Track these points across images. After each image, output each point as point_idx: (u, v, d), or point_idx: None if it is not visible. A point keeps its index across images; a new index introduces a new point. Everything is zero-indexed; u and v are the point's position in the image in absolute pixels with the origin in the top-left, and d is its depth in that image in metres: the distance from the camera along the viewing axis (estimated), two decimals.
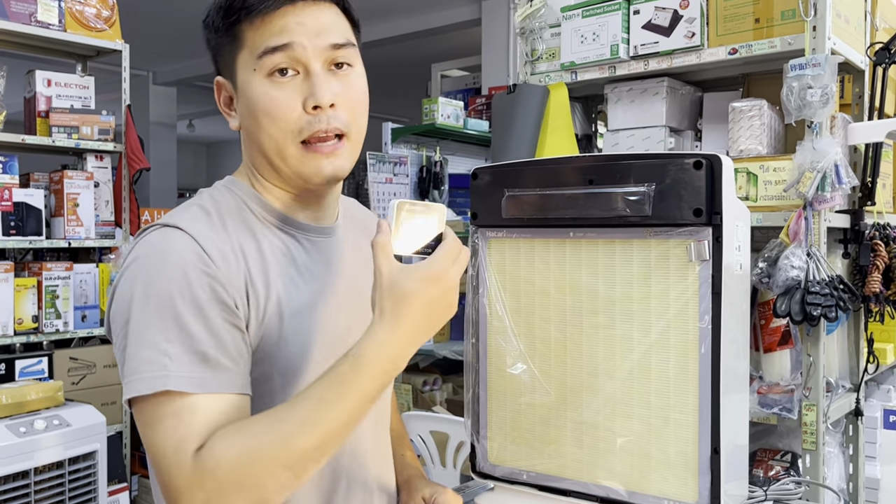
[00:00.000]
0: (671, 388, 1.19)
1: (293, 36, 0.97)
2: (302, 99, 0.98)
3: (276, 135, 0.99)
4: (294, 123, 0.98)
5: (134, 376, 0.88)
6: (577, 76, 2.19)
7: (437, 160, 4.83)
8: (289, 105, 0.98)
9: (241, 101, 1.02)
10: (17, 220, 3.24)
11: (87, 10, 3.48)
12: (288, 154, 1.00)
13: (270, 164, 1.03)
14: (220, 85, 1.06)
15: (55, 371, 3.32)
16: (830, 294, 1.72)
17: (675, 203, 1.15)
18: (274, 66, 0.98)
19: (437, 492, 1.19)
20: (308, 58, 0.98)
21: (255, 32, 0.99)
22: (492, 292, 1.34)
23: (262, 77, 0.99)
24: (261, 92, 0.99)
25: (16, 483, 2.43)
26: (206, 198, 1.04)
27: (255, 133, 1.01)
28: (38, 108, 3.46)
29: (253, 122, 1.01)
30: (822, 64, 1.75)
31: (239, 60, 1.01)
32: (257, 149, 1.03)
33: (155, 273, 0.92)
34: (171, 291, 0.90)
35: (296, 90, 0.98)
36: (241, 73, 1.01)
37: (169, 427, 0.87)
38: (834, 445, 1.98)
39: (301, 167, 1.00)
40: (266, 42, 0.98)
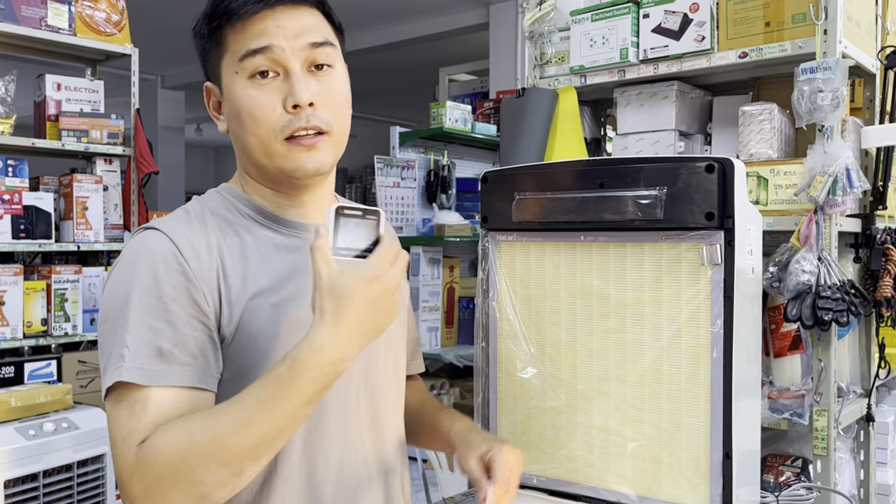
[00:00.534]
0: (682, 392, 1.18)
1: (272, 38, 1.01)
2: (282, 99, 1.01)
3: (260, 133, 1.02)
4: (276, 122, 1.01)
5: (104, 370, 0.95)
6: (587, 80, 2.18)
7: (445, 164, 4.83)
8: (269, 105, 1.01)
9: (226, 104, 1.06)
10: (27, 223, 3.26)
11: (96, 14, 3.50)
12: (273, 151, 1.03)
13: (256, 164, 1.06)
14: (208, 90, 1.10)
15: (63, 374, 3.33)
16: (842, 299, 1.71)
17: (687, 207, 1.15)
18: (254, 69, 1.01)
19: (493, 448, 1.11)
20: (287, 59, 1.01)
21: (236, 36, 1.02)
22: (502, 296, 1.34)
23: (243, 79, 1.02)
24: (243, 94, 1.02)
25: (25, 486, 2.43)
26: (193, 202, 1.10)
27: (240, 134, 1.05)
28: (48, 112, 3.48)
29: (238, 123, 1.04)
30: (832, 68, 1.74)
31: (223, 64, 1.05)
32: (243, 149, 1.06)
33: (128, 272, 0.97)
34: (138, 289, 0.95)
35: (276, 91, 1.01)
36: (225, 77, 1.05)
37: (122, 418, 0.92)
38: (845, 451, 1.97)
39: (285, 163, 1.03)
40: (247, 45, 1.01)
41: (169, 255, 0.97)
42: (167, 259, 0.97)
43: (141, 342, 0.93)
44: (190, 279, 0.97)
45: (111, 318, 0.96)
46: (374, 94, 9.29)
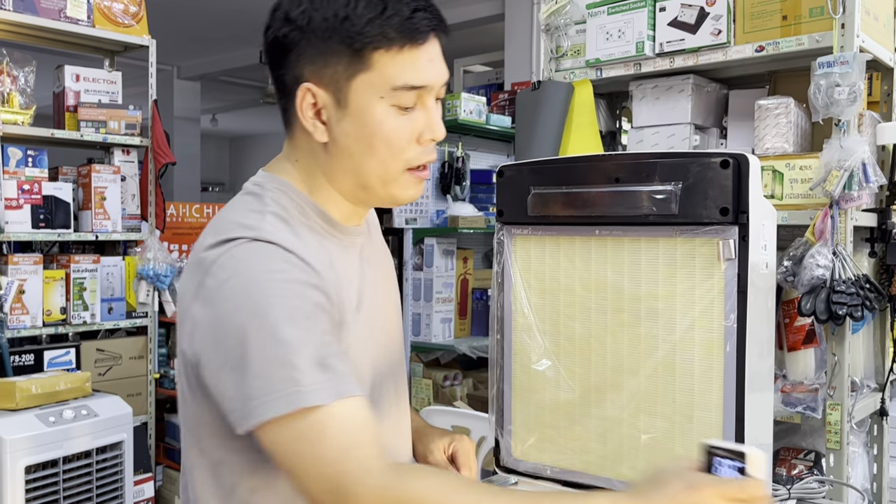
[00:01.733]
0: (695, 386, 1.20)
1: (428, 77, 1.00)
2: (419, 131, 1.01)
3: (389, 162, 1.00)
4: (409, 153, 1.01)
5: (267, 397, 0.86)
6: (602, 73, 2.19)
7: (460, 156, 4.83)
8: (408, 136, 1.00)
9: (350, 122, 0.99)
10: (47, 213, 3.29)
11: (114, 5, 3.52)
12: (393, 179, 1.02)
13: (363, 184, 1.03)
14: (310, 93, 1.00)
15: (82, 362, 3.38)
16: (856, 293, 1.71)
17: (702, 202, 1.15)
18: (404, 102, 0.99)
19: (454, 439, 1.21)
20: (429, 93, 1.01)
21: (390, 61, 0.97)
22: (517, 289, 1.35)
23: (387, 105, 0.98)
24: (384, 120, 0.98)
25: (45, 472, 2.48)
26: (271, 203, 1.01)
27: (360, 156, 1.00)
28: (67, 103, 3.51)
29: (364, 146, 0.99)
30: (850, 62, 1.73)
31: (358, 81, 0.98)
32: (353, 169, 1.01)
33: (266, 293, 0.89)
34: (288, 309, 0.89)
35: (415, 121, 1.00)
36: (359, 95, 0.98)
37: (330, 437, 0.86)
38: (858, 445, 1.97)
39: (399, 191, 1.03)
40: (405, 78, 0.98)
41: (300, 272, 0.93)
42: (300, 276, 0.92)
43: (309, 361, 0.88)
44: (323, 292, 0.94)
45: (256, 343, 0.88)
46: None
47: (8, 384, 2.55)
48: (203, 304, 0.92)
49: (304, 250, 0.95)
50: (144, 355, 3.65)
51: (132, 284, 3.62)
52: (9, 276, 3.14)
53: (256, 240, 0.94)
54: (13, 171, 3.21)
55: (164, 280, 3.62)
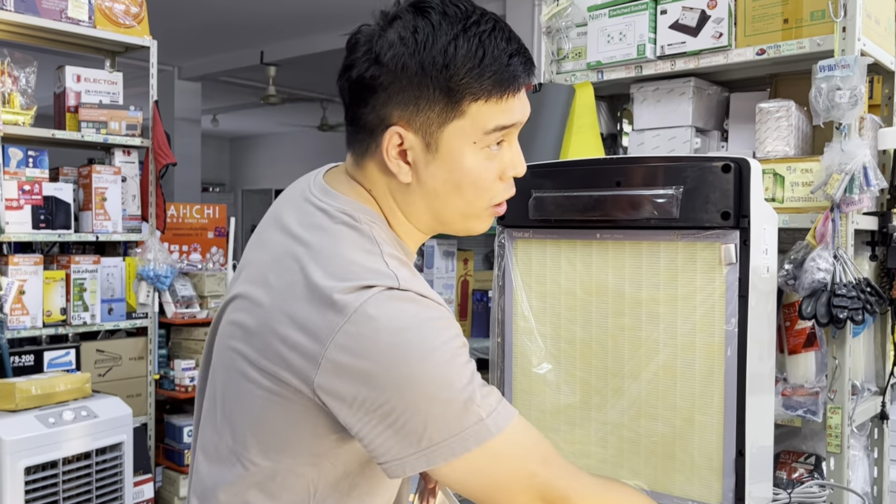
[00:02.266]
0: (696, 389, 1.19)
1: (518, 116, 1.00)
2: (503, 168, 1.01)
3: (476, 203, 1.01)
4: (493, 192, 1.01)
5: (451, 439, 0.89)
6: (604, 76, 2.19)
7: None
8: (495, 177, 1.01)
9: (439, 166, 0.99)
10: (47, 213, 3.30)
11: (116, 6, 3.52)
12: (475, 216, 1.03)
13: (443, 221, 1.04)
14: (395, 134, 0.98)
15: (82, 363, 3.38)
16: (857, 297, 1.71)
17: (703, 206, 1.15)
18: (496, 141, 0.99)
19: None
20: (516, 132, 1.01)
21: (487, 109, 0.97)
22: (517, 292, 1.35)
23: (478, 149, 0.98)
24: (476, 165, 0.99)
25: (45, 472, 2.47)
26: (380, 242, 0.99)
27: (446, 196, 1.00)
28: (68, 104, 3.51)
29: (451, 187, 0.99)
30: (851, 65, 1.73)
31: (451, 128, 0.97)
32: (436, 208, 1.02)
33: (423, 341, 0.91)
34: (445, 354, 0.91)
35: (498, 160, 1.00)
36: (450, 141, 0.97)
37: (516, 455, 0.93)
38: (859, 449, 1.97)
39: (478, 226, 1.04)
40: (497, 121, 0.97)
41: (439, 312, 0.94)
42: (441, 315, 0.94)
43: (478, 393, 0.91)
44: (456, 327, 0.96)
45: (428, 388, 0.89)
46: None
47: (8, 385, 2.55)
48: (350, 354, 0.90)
49: (430, 292, 0.97)
50: (144, 356, 3.65)
51: (132, 285, 3.62)
52: (9, 277, 3.14)
53: (394, 288, 0.93)
54: (14, 171, 3.21)
55: (164, 281, 3.62)
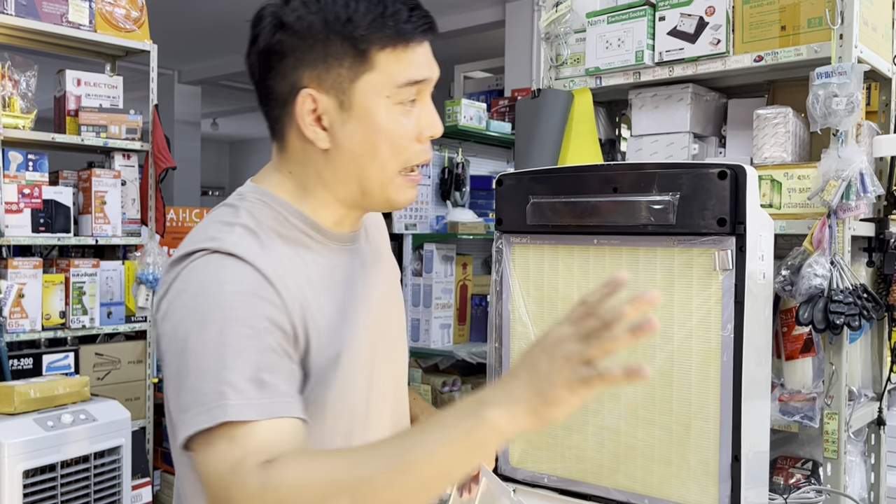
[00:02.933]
0: (693, 395, 1.20)
1: (429, 71, 1.00)
2: (420, 128, 1.00)
3: (390, 163, 0.99)
4: (409, 152, 1.00)
5: (195, 410, 0.85)
6: (602, 81, 2.20)
7: (459, 162, 4.84)
8: (411, 134, 0.99)
9: (354, 124, 0.98)
10: (47, 217, 3.30)
11: (116, 10, 3.53)
12: (390, 182, 1.00)
13: (361, 189, 1.01)
14: (310, 98, 0.98)
15: (81, 366, 3.38)
16: (854, 303, 1.72)
17: (700, 212, 1.16)
18: (409, 97, 0.98)
19: None
20: (427, 90, 1.01)
21: (393, 59, 0.97)
22: (515, 297, 1.36)
23: (393, 104, 0.98)
24: (390, 119, 0.98)
25: (43, 476, 2.47)
26: (244, 215, 1.00)
27: (363, 158, 0.99)
28: (68, 107, 3.52)
29: (368, 147, 0.98)
30: (848, 72, 1.74)
31: (363, 81, 0.97)
32: (353, 174, 1.00)
33: (213, 304, 0.89)
34: (229, 321, 0.88)
35: (416, 118, 1.00)
36: (363, 96, 0.97)
37: (221, 451, 0.84)
38: (855, 454, 1.98)
39: (395, 195, 1.02)
40: (408, 74, 0.97)
41: (255, 286, 0.91)
42: (254, 290, 0.91)
43: (243, 376, 0.86)
44: (280, 308, 0.92)
45: (193, 353, 0.87)
46: None
47: (6, 388, 2.55)
48: (163, 318, 0.92)
49: (265, 262, 0.93)
50: (143, 359, 3.65)
51: (131, 289, 3.62)
52: (8, 280, 3.15)
53: (217, 251, 0.93)
54: (14, 174, 3.21)
55: None
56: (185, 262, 0.94)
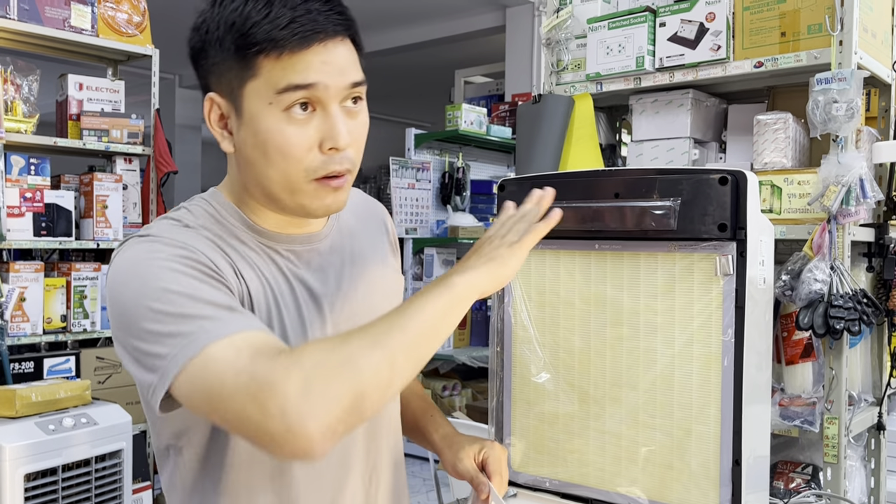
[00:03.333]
0: (693, 399, 1.21)
1: (318, 76, 0.94)
2: (319, 138, 0.96)
3: (289, 171, 0.97)
4: (309, 163, 0.96)
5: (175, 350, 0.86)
6: (603, 87, 2.20)
7: (460, 166, 4.86)
8: (305, 145, 0.96)
9: (245, 130, 0.98)
10: (48, 220, 3.31)
11: (118, 15, 3.55)
12: (298, 189, 0.98)
13: (271, 196, 1.01)
14: (213, 102, 1.00)
15: (82, 370, 3.38)
16: (854, 308, 1.73)
17: (700, 217, 1.17)
18: (293, 103, 0.94)
19: (485, 447, 1.20)
20: (328, 98, 0.96)
21: (276, 66, 0.94)
22: (517, 302, 1.37)
23: (278, 112, 0.95)
24: (275, 128, 0.95)
25: (44, 479, 2.48)
26: (182, 212, 1.03)
27: (259, 165, 0.98)
28: (70, 112, 3.53)
29: (260, 155, 0.97)
30: (847, 79, 1.75)
31: (248, 88, 0.96)
32: (257, 179, 1.00)
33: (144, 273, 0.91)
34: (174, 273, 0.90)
35: (312, 129, 0.96)
36: (250, 102, 0.96)
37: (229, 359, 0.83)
38: (855, 459, 1.98)
39: (309, 202, 0.99)
40: (289, 79, 0.93)
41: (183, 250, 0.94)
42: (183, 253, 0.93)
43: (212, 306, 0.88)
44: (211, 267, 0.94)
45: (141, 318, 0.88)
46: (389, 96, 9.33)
47: (8, 392, 2.56)
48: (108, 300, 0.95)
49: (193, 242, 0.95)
50: None
51: None
52: (10, 284, 3.15)
53: (144, 236, 0.97)
54: (16, 178, 3.22)
55: None
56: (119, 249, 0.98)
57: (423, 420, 1.29)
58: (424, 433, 1.28)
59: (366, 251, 1.18)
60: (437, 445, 1.25)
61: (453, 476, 1.21)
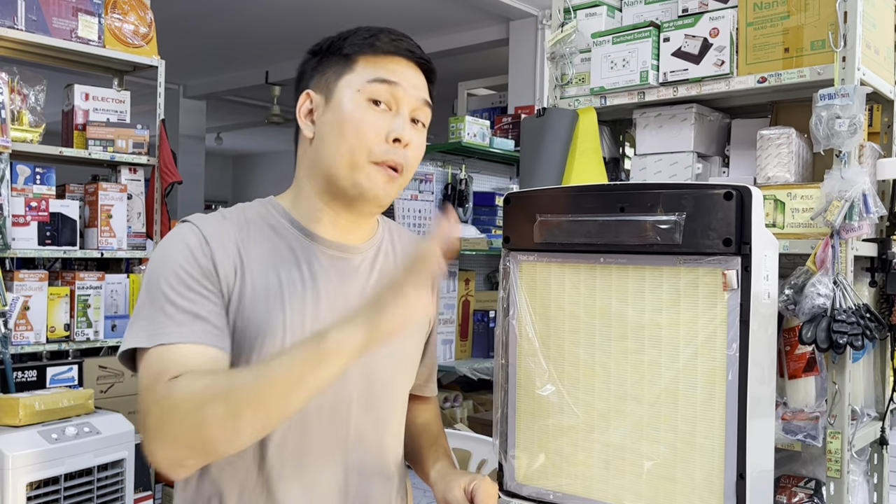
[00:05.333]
0: (698, 413, 1.21)
1: (401, 78, 1.16)
2: (388, 129, 1.14)
3: (357, 147, 1.12)
4: (374, 144, 1.13)
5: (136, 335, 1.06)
6: (607, 101, 2.22)
7: (463, 178, 4.87)
8: (376, 128, 1.13)
9: (329, 113, 1.16)
10: (53, 230, 3.32)
11: (125, 26, 3.57)
12: (358, 165, 1.13)
13: (330, 175, 1.15)
14: (307, 97, 1.19)
15: (84, 379, 3.38)
16: (857, 322, 1.73)
17: (705, 232, 1.18)
18: (376, 95, 1.14)
19: (475, 479, 1.22)
20: (403, 99, 1.16)
21: (369, 63, 1.16)
22: (522, 314, 1.37)
23: (363, 98, 1.14)
24: (357, 108, 1.13)
25: (47, 488, 2.48)
26: (233, 208, 1.21)
27: (332, 142, 1.14)
28: (76, 122, 3.55)
29: (337, 131, 1.14)
30: (850, 94, 1.76)
31: (343, 79, 1.15)
32: (325, 158, 1.15)
33: (158, 257, 1.11)
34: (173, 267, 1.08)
35: (384, 120, 1.14)
36: (341, 90, 1.15)
37: (153, 367, 1.03)
38: (858, 474, 1.98)
39: (364, 180, 1.13)
40: (379, 73, 1.15)
41: (194, 240, 1.10)
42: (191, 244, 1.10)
43: (176, 309, 1.06)
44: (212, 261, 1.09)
45: (147, 290, 1.09)
46: None
47: (11, 400, 2.56)
48: None
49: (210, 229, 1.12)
50: None
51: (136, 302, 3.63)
52: (14, 293, 3.16)
53: (184, 221, 1.15)
54: (21, 188, 3.24)
55: None
56: None
57: (424, 451, 1.35)
58: (423, 464, 1.33)
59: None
60: (430, 477, 1.29)
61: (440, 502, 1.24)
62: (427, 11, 5.97)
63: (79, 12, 3.37)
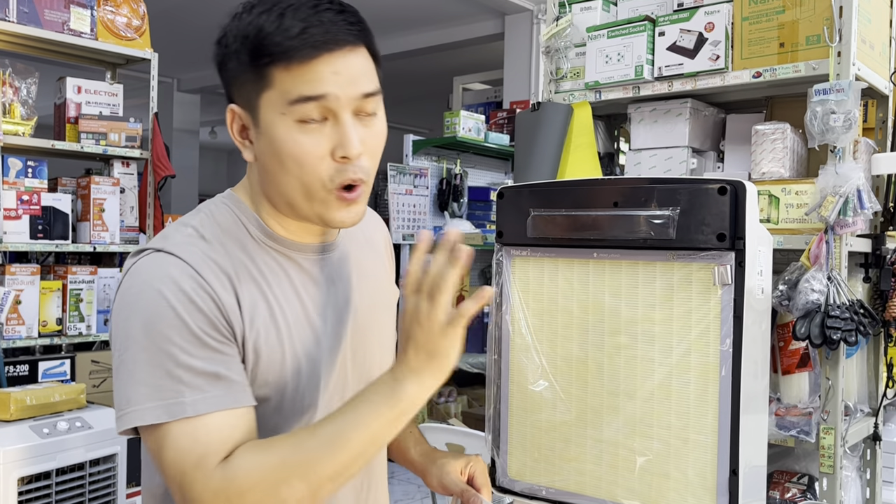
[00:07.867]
0: (691, 409, 1.21)
1: (328, 87, 0.95)
2: (331, 147, 0.97)
3: (305, 179, 0.98)
4: (323, 172, 0.97)
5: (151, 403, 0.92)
6: (601, 95, 2.21)
7: (458, 173, 4.86)
8: (317, 154, 0.97)
9: (262, 139, 0.99)
10: (45, 223, 3.30)
11: (118, 19, 3.55)
12: (315, 198, 0.99)
13: (289, 202, 1.02)
14: (234, 113, 1.02)
15: (77, 373, 3.37)
16: (850, 318, 1.73)
17: (699, 227, 1.17)
18: (304, 114, 0.95)
19: (470, 461, 1.22)
20: (339, 107, 0.96)
21: (286, 77, 0.95)
22: (515, 309, 1.37)
23: (290, 121, 0.96)
24: (289, 138, 0.96)
25: (38, 483, 2.47)
26: (203, 217, 1.04)
27: (277, 174, 0.99)
28: (68, 115, 3.53)
29: (277, 163, 0.98)
30: (845, 90, 1.76)
31: (263, 99, 0.97)
32: (276, 186, 1.01)
33: (153, 303, 0.94)
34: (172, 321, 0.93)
35: (324, 137, 0.97)
36: (265, 113, 0.98)
37: (184, 447, 0.91)
38: (851, 469, 1.98)
39: (325, 212, 1.00)
40: (299, 90, 0.95)
41: (191, 285, 0.95)
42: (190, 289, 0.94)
43: (191, 374, 0.92)
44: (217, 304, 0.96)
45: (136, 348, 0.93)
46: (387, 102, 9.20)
47: (3, 395, 2.55)
48: (114, 310, 0.99)
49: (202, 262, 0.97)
50: None
51: None
52: (6, 287, 3.14)
53: (161, 251, 0.97)
54: (13, 181, 3.22)
55: None
56: (137, 258, 0.99)
57: (401, 436, 1.30)
58: (403, 450, 1.30)
59: (369, 262, 1.20)
60: (417, 462, 1.27)
61: (439, 491, 1.23)
62: (422, 6, 5.95)
63: (71, 4, 3.35)
